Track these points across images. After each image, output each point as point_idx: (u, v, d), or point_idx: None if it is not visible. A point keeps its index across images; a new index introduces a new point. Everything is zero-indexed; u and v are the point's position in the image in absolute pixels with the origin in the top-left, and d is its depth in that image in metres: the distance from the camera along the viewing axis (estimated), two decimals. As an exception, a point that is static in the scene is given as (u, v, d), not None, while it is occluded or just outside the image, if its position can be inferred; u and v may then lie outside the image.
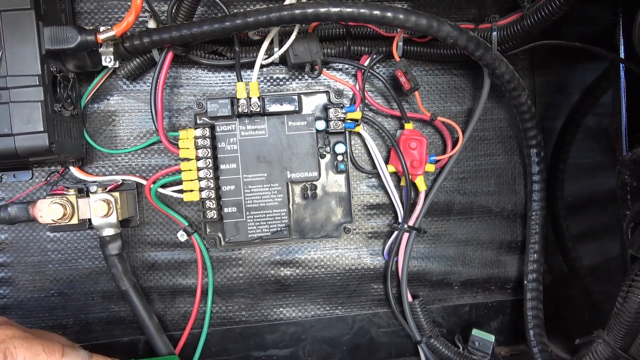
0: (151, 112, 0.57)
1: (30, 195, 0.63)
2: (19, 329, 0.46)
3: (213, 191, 0.58)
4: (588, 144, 0.61)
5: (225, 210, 0.59)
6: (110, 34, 0.51)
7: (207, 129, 0.58)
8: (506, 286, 0.70)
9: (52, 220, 0.57)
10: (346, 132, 0.62)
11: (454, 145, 0.65)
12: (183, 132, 0.58)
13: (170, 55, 0.57)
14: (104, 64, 0.55)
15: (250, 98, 0.58)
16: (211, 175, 0.58)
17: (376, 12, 0.50)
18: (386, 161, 0.65)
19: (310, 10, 0.49)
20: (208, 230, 0.62)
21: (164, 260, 0.66)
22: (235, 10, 0.62)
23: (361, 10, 0.50)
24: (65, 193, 0.59)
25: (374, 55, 0.62)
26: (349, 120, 0.61)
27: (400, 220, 0.65)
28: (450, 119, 0.64)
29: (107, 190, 0.60)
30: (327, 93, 0.63)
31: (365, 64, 0.62)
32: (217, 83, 0.65)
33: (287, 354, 0.68)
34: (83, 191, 0.61)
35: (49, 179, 0.62)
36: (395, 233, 0.65)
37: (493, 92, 0.67)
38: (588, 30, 0.59)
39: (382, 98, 0.66)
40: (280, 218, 0.60)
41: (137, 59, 0.60)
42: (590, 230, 0.61)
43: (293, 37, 0.58)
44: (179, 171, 0.59)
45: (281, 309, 0.68)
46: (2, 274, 0.64)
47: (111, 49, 0.54)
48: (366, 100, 0.63)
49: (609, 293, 0.55)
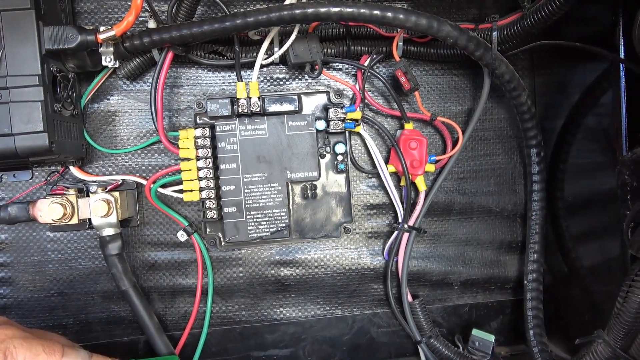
0: (151, 112, 0.57)
1: (30, 195, 0.63)
2: (19, 329, 0.46)
3: (213, 191, 0.58)
4: (588, 144, 0.61)
5: (225, 210, 0.59)
6: (111, 33, 0.51)
7: (207, 128, 0.58)
8: (506, 286, 0.70)
9: (52, 220, 0.57)
10: (346, 132, 0.62)
11: (454, 145, 0.65)
12: (183, 132, 0.58)
13: (170, 55, 0.57)
14: (104, 63, 0.55)
15: (250, 98, 0.58)
16: (211, 175, 0.58)
17: (376, 12, 0.50)
18: (386, 161, 0.65)
19: (310, 10, 0.49)
20: (208, 230, 0.62)
21: (164, 260, 0.66)
22: (235, 10, 0.62)
23: (361, 10, 0.50)
24: (65, 193, 0.59)
25: (374, 55, 0.62)
26: (349, 120, 0.61)
27: (400, 220, 0.65)
28: (450, 119, 0.64)
29: (107, 190, 0.60)
30: (327, 93, 0.63)
31: (365, 64, 0.62)
32: (217, 83, 0.65)
33: (287, 354, 0.68)
34: (83, 191, 0.61)
35: (49, 178, 0.62)
36: (395, 233, 0.65)
37: (493, 92, 0.67)
38: (588, 30, 0.59)
39: (382, 98, 0.66)
40: (280, 218, 0.60)
41: (137, 59, 0.60)
42: (590, 230, 0.61)
43: (293, 37, 0.58)
44: (179, 171, 0.59)
45: (281, 309, 0.68)
46: (2, 274, 0.64)
47: (111, 49, 0.54)
48: (366, 100, 0.63)
49: (609, 293, 0.55)
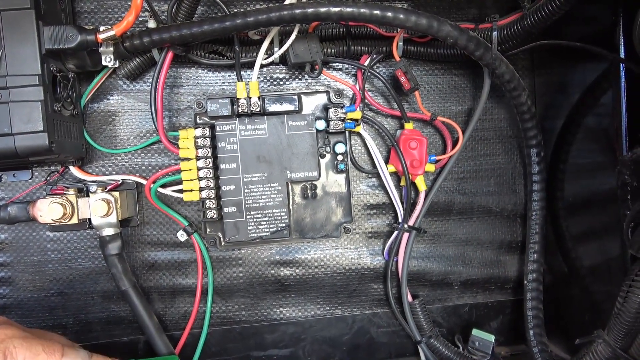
0: (151, 112, 0.57)
1: (30, 195, 0.63)
2: (19, 329, 0.46)
3: (213, 191, 0.58)
4: (588, 144, 0.61)
5: (225, 210, 0.59)
6: (110, 33, 0.51)
7: (207, 128, 0.58)
8: (506, 286, 0.70)
9: (52, 219, 0.57)
10: (346, 132, 0.62)
11: (454, 145, 0.65)
12: (183, 132, 0.58)
13: (170, 54, 0.57)
14: (104, 63, 0.55)
15: (250, 98, 0.58)
16: (211, 175, 0.58)
17: (376, 12, 0.50)
18: (386, 161, 0.65)
19: (310, 10, 0.49)
20: (208, 230, 0.62)
21: (163, 260, 0.66)
22: (235, 10, 0.62)
23: (361, 10, 0.50)
24: (65, 193, 0.59)
25: (374, 55, 0.62)
26: (349, 120, 0.61)
27: (400, 220, 0.65)
28: (450, 119, 0.64)
29: (107, 189, 0.60)
30: (327, 93, 0.63)
31: (366, 63, 0.62)
32: (217, 83, 0.65)
33: (287, 354, 0.68)
34: (83, 191, 0.61)
35: (48, 178, 0.62)
36: (395, 233, 0.65)
37: (493, 92, 0.67)
38: (588, 30, 0.59)
39: (382, 98, 0.66)
40: (280, 218, 0.60)
41: (137, 59, 0.60)
42: (590, 230, 0.61)
43: (293, 37, 0.58)
44: (179, 171, 0.59)
45: (281, 309, 0.68)
46: (2, 274, 0.64)
47: (111, 49, 0.54)
48: (366, 100, 0.63)
49: (609, 293, 0.55)
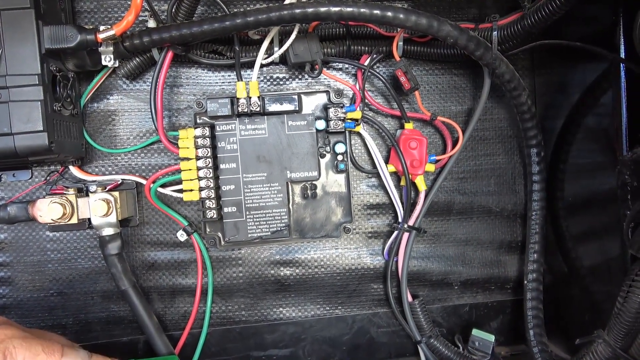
0: (151, 112, 0.57)
1: (29, 195, 0.62)
2: (19, 329, 0.46)
3: (213, 191, 0.58)
4: (588, 144, 0.61)
5: (225, 210, 0.59)
6: (110, 33, 0.51)
7: (207, 128, 0.58)
8: (506, 286, 0.70)
9: (52, 219, 0.57)
10: (346, 132, 0.62)
11: (454, 145, 0.65)
12: (183, 132, 0.58)
13: (170, 54, 0.57)
14: (103, 63, 0.55)
15: (250, 97, 0.58)
16: (211, 175, 0.58)
17: (376, 12, 0.50)
18: (386, 161, 0.65)
19: (310, 10, 0.49)
20: (208, 229, 0.62)
21: (163, 260, 0.66)
22: (235, 10, 0.62)
23: (361, 10, 0.50)
24: (64, 192, 0.58)
25: (374, 55, 0.62)
26: (349, 120, 0.61)
27: (400, 220, 0.65)
28: (450, 119, 0.64)
29: (107, 189, 0.60)
30: (327, 93, 0.63)
31: (366, 63, 0.62)
32: (217, 82, 0.65)
33: (287, 354, 0.68)
34: (82, 191, 0.61)
35: (48, 178, 0.62)
36: (395, 233, 0.65)
37: (493, 92, 0.67)
38: (588, 30, 0.59)
39: (382, 98, 0.66)
40: (280, 218, 0.60)
41: (137, 58, 0.60)
42: (590, 230, 0.61)
43: (293, 37, 0.58)
44: (179, 171, 0.59)
45: (281, 309, 0.68)
46: (2, 274, 0.64)
47: (111, 48, 0.54)
48: (366, 100, 0.63)
49: (609, 293, 0.55)
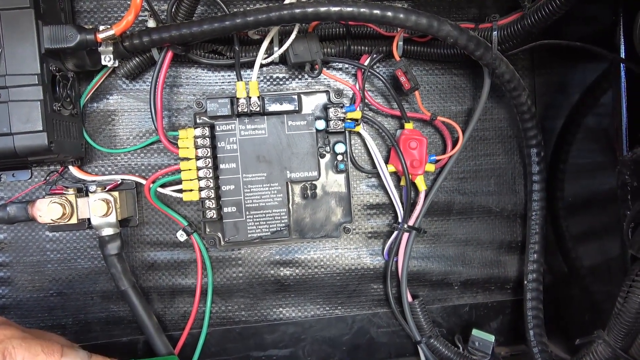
0: (151, 112, 0.57)
1: (29, 195, 0.62)
2: (18, 329, 0.46)
3: (212, 191, 0.58)
4: (588, 144, 0.61)
5: (225, 210, 0.59)
6: (110, 33, 0.51)
7: (207, 128, 0.58)
8: (506, 286, 0.70)
9: (51, 219, 0.57)
10: (346, 132, 0.62)
11: (454, 145, 0.65)
12: (182, 132, 0.58)
13: (169, 54, 0.57)
14: (103, 63, 0.55)
15: (250, 97, 0.58)
16: (211, 175, 0.58)
17: (376, 12, 0.50)
18: (386, 161, 0.65)
19: (310, 10, 0.49)
20: (207, 230, 0.62)
21: (163, 260, 0.66)
22: (235, 10, 0.62)
23: (361, 10, 0.49)
24: (64, 192, 0.58)
25: (374, 55, 0.62)
26: (349, 120, 0.61)
27: (400, 220, 0.64)
28: (450, 119, 0.64)
29: (107, 189, 0.60)
30: (327, 92, 0.63)
31: (366, 63, 0.62)
32: (217, 82, 0.64)
33: (287, 354, 0.68)
34: (82, 191, 0.61)
35: (48, 178, 0.62)
36: (395, 233, 0.65)
37: (493, 92, 0.67)
38: (588, 30, 0.59)
39: (382, 98, 0.66)
40: (280, 218, 0.60)
41: (137, 58, 0.60)
42: (590, 230, 0.61)
43: (293, 37, 0.58)
44: (179, 171, 0.59)
45: (281, 309, 0.68)
46: (1, 274, 0.64)
47: (111, 48, 0.54)
48: (366, 100, 0.63)
49: (609, 293, 0.55)
